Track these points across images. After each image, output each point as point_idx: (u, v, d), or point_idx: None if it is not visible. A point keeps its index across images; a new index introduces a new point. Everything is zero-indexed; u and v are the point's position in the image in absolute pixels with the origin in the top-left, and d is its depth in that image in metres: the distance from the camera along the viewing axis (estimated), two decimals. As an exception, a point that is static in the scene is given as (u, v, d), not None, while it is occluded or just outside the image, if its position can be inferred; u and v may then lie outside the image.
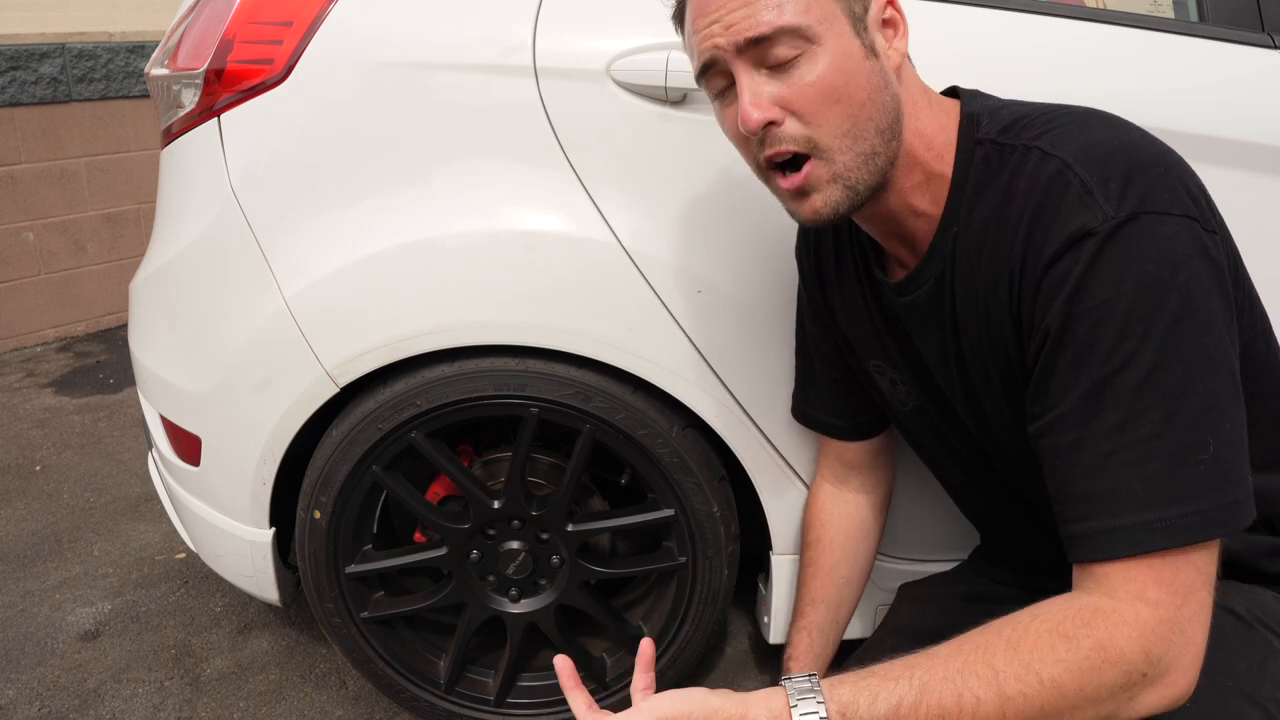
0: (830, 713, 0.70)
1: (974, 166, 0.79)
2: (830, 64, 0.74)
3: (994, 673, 0.68)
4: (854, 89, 0.75)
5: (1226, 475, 0.67)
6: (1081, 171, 0.71)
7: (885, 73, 0.77)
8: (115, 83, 3.45)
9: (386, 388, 1.22)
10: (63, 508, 2.24)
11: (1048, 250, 0.71)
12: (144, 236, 3.62)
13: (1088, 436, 0.70)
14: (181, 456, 1.39)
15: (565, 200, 1.16)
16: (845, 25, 0.75)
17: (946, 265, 0.82)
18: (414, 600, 1.39)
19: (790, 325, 1.17)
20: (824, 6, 0.75)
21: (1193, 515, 0.67)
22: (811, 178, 0.77)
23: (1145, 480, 0.67)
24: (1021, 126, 0.77)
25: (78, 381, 3.07)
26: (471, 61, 1.14)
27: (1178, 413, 0.67)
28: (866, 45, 0.76)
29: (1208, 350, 0.68)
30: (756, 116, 0.75)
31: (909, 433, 1.04)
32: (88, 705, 1.56)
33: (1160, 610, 0.67)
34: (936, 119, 0.81)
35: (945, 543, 1.28)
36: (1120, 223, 0.68)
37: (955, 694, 0.68)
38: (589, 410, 1.21)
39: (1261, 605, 0.82)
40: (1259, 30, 1.16)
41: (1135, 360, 0.67)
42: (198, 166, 1.24)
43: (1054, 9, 1.16)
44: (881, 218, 0.85)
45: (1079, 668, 0.67)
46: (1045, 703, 0.68)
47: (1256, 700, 0.76)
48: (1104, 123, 0.76)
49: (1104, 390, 0.69)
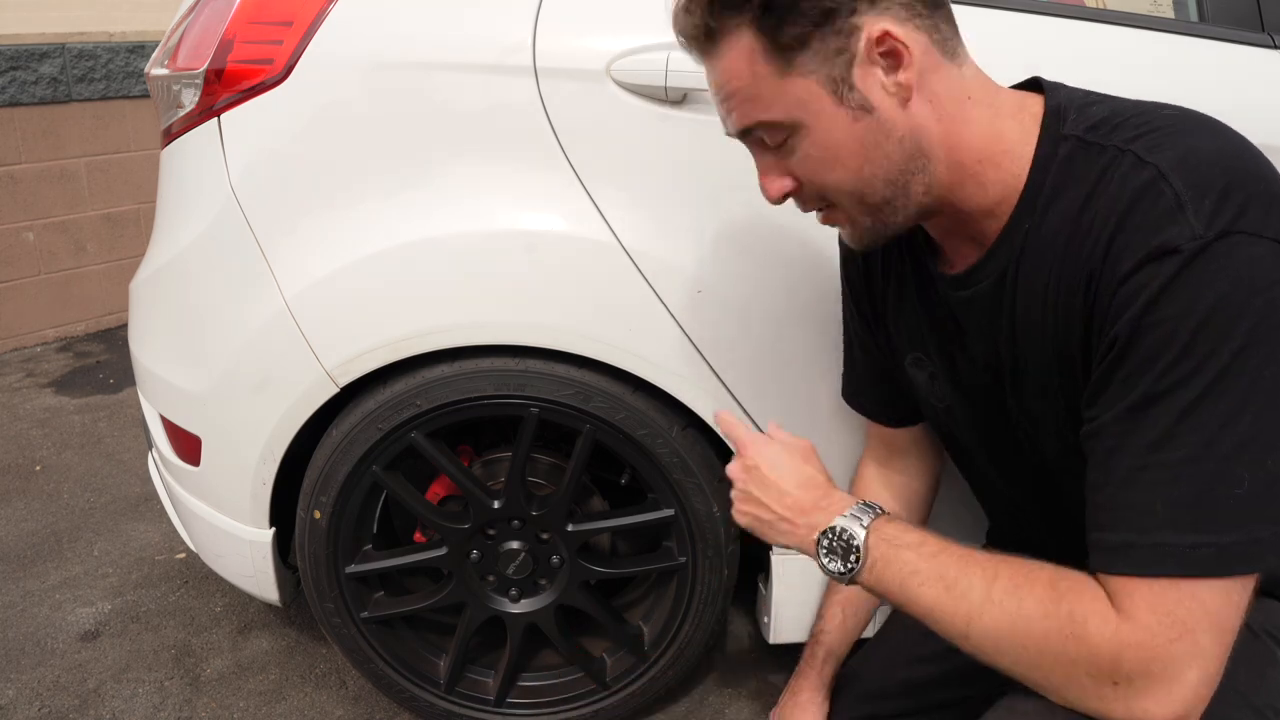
0: (870, 523, 0.82)
1: (1056, 162, 0.75)
2: (815, 142, 0.76)
3: (995, 575, 0.73)
4: (846, 157, 0.76)
5: (1258, 514, 0.65)
6: (1176, 183, 0.68)
7: (883, 124, 0.75)
8: (115, 83, 3.45)
9: (386, 388, 1.22)
10: (63, 508, 2.24)
11: (1129, 260, 0.68)
12: (144, 236, 3.62)
13: (1124, 448, 0.68)
14: (181, 456, 1.39)
15: (565, 200, 1.16)
16: (824, 99, 0.74)
17: (1012, 261, 0.79)
18: (414, 600, 1.39)
19: (790, 324, 1.17)
20: (796, 90, 0.74)
21: (1208, 548, 0.64)
22: (831, 220, 0.84)
23: (1169, 502, 0.66)
24: (1114, 126, 0.74)
25: (78, 381, 3.07)
26: (472, 61, 1.14)
27: (1218, 441, 0.65)
28: (854, 107, 0.74)
29: (1266, 383, 0.65)
30: (773, 192, 0.81)
31: (942, 426, 1.03)
32: (88, 705, 1.56)
33: (1142, 634, 0.65)
34: (989, 122, 0.77)
35: (961, 532, 1.28)
36: (1208, 242, 0.65)
37: (959, 568, 0.75)
38: (589, 410, 1.21)
39: (1268, 615, 0.81)
40: (1259, 30, 1.16)
41: (1190, 381, 0.65)
42: (198, 167, 1.24)
43: (1054, 9, 1.16)
44: (941, 226, 0.85)
45: (1050, 621, 0.69)
46: (1015, 629, 0.71)
47: (1255, 707, 0.76)
48: (1203, 129, 0.72)
49: (1151, 405, 0.67)
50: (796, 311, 1.19)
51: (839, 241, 1.06)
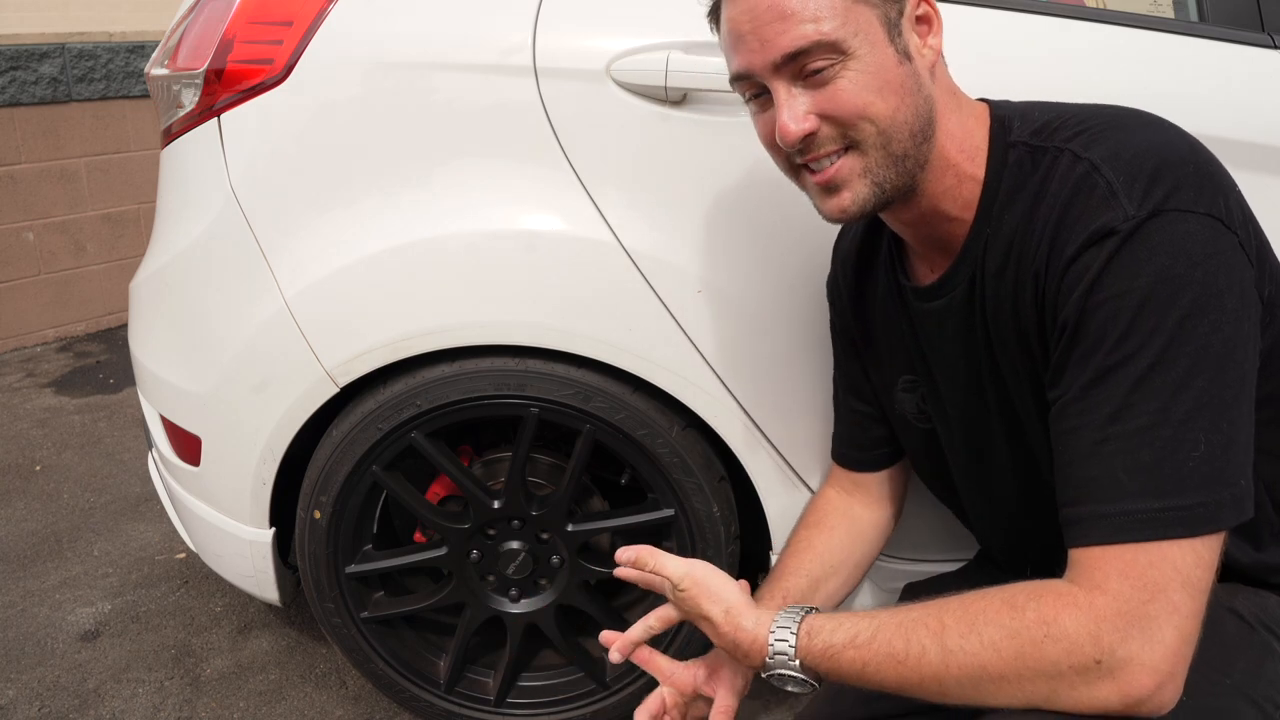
0: (800, 630, 0.80)
1: (1007, 169, 0.80)
2: (864, 75, 0.76)
3: (942, 627, 0.72)
4: (887, 96, 0.77)
5: (1218, 475, 0.67)
6: (1108, 173, 0.72)
7: (919, 75, 0.78)
8: (115, 83, 3.45)
9: (386, 388, 1.22)
10: (63, 508, 2.24)
11: (1070, 247, 0.72)
12: (144, 236, 3.62)
13: (1085, 424, 0.71)
14: (181, 456, 1.39)
15: (565, 200, 1.16)
16: (880, 33, 0.77)
17: (977, 269, 0.83)
18: (414, 600, 1.39)
19: (790, 324, 1.17)
20: (859, 17, 0.76)
21: (1175, 510, 0.67)
22: (843, 171, 0.79)
23: (1132, 470, 0.68)
24: (1054, 128, 0.78)
25: (78, 381, 3.07)
26: (472, 61, 1.14)
27: (1173, 407, 0.67)
28: (900, 50, 0.77)
29: (1215, 349, 0.68)
30: (795, 130, 0.77)
31: (930, 455, 1.03)
32: (88, 705, 1.56)
33: (1117, 601, 0.67)
34: (965, 122, 0.82)
35: (950, 543, 1.28)
36: (1141, 220, 0.69)
37: (904, 639, 0.73)
38: (589, 410, 1.21)
39: (1265, 608, 0.82)
40: (1259, 30, 1.16)
41: (1140, 353, 0.68)
42: (198, 167, 1.24)
43: (1054, 9, 1.16)
44: (915, 222, 0.86)
45: (1019, 635, 0.69)
46: (986, 662, 0.70)
47: (1253, 699, 0.76)
48: (1138, 123, 0.76)
49: (1106, 379, 0.70)
50: (796, 311, 1.19)
51: (827, 284, 1.08)
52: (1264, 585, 0.84)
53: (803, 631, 0.80)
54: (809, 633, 0.80)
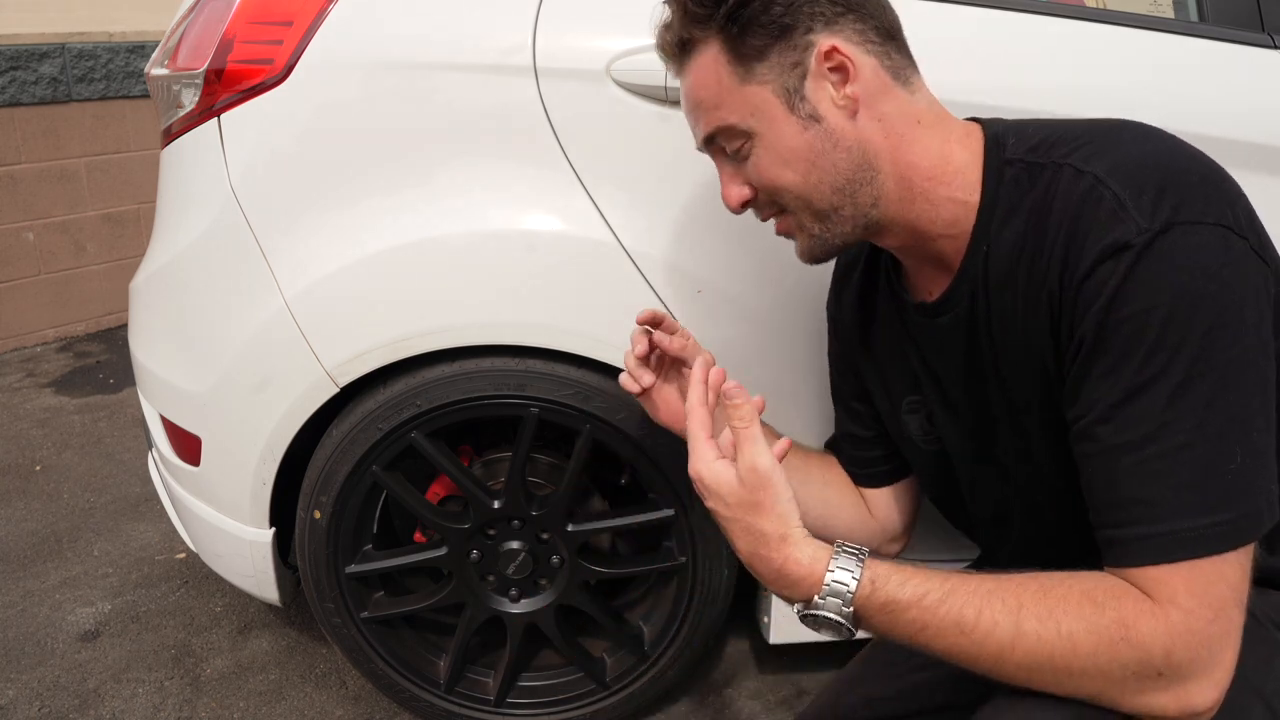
0: (863, 576, 0.74)
1: (1004, 186, 0.80)
2: (769, 151, 0.82)
3: (1019, 605, 0.70)
4: (795, 165, 0.81)
5: (1252, 484, 0.68)
6: (1114, 185, 0.72)
7: (832, 133, 0.80)
8: (115, 83, 3.45)
9: (386, 388, 1.22)
10: (63, 508, 2.24)
11: (1085, 261, 0.72)
12: (144, 236, 3.62)
13: (1120, 445, 0.70)
14: (181, 456, 1.39)
15: (565, 200, 1.16)
16: (777, 107, 0.80)
17: (978, 285, 0.83)
18: (414, 600, 1.39)
19: (789, 323, 1.17)
20: (753, 98, 0.80)
21: (1222, 525, 0.67)
22: (783, 228, 0.88)
23: (1176, 489, 0.68)
24: (1051, 144, 0.78)
25: (78, 381, 3.07)
26: (472, 61, 1.14)
27: (1208, 422, 0.68)
28: (806, 116, 0.80)
29: (1238, 359, 0.68)
30: (732, 200, 0.87)
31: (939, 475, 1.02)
32: (88, 705, 1.56)
33: (1190, 619, 0.67)
34: (939, 145, 0.82)
35: (955, 542, 1.28)
36: (1155, 234, 0.69)
37: (976, 610, 0.71)
38: (589, 410, 1.21)
39: (1273, 606, 0.82)
40: (1259, 30, 1.16)
41: (1169, 370, 0.68)
42: (198, 166, 1.24)
43: (1054, 9, 1.16)
44: (901, 246, 0.87)
45: (1098, 634, 0.68)
46: (1055, 653, 0.69)
47: (1261, 694, 0.76)
48: (1135, 135, 0.76)
49: (1136, 399, 0.69)
50: (796, 310, 1.19)
51: (828, 305, 1.08)
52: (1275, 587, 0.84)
53: (865, 579, 0.74)
54: (872, 580, 0.74)
